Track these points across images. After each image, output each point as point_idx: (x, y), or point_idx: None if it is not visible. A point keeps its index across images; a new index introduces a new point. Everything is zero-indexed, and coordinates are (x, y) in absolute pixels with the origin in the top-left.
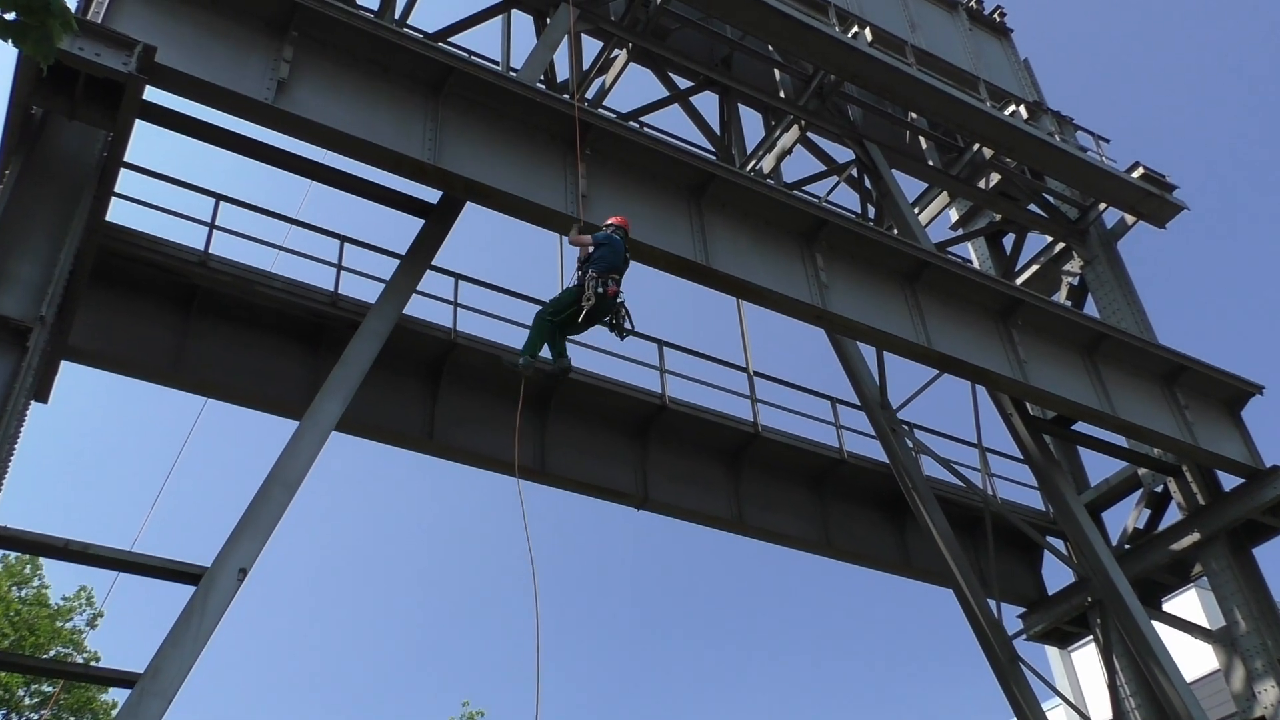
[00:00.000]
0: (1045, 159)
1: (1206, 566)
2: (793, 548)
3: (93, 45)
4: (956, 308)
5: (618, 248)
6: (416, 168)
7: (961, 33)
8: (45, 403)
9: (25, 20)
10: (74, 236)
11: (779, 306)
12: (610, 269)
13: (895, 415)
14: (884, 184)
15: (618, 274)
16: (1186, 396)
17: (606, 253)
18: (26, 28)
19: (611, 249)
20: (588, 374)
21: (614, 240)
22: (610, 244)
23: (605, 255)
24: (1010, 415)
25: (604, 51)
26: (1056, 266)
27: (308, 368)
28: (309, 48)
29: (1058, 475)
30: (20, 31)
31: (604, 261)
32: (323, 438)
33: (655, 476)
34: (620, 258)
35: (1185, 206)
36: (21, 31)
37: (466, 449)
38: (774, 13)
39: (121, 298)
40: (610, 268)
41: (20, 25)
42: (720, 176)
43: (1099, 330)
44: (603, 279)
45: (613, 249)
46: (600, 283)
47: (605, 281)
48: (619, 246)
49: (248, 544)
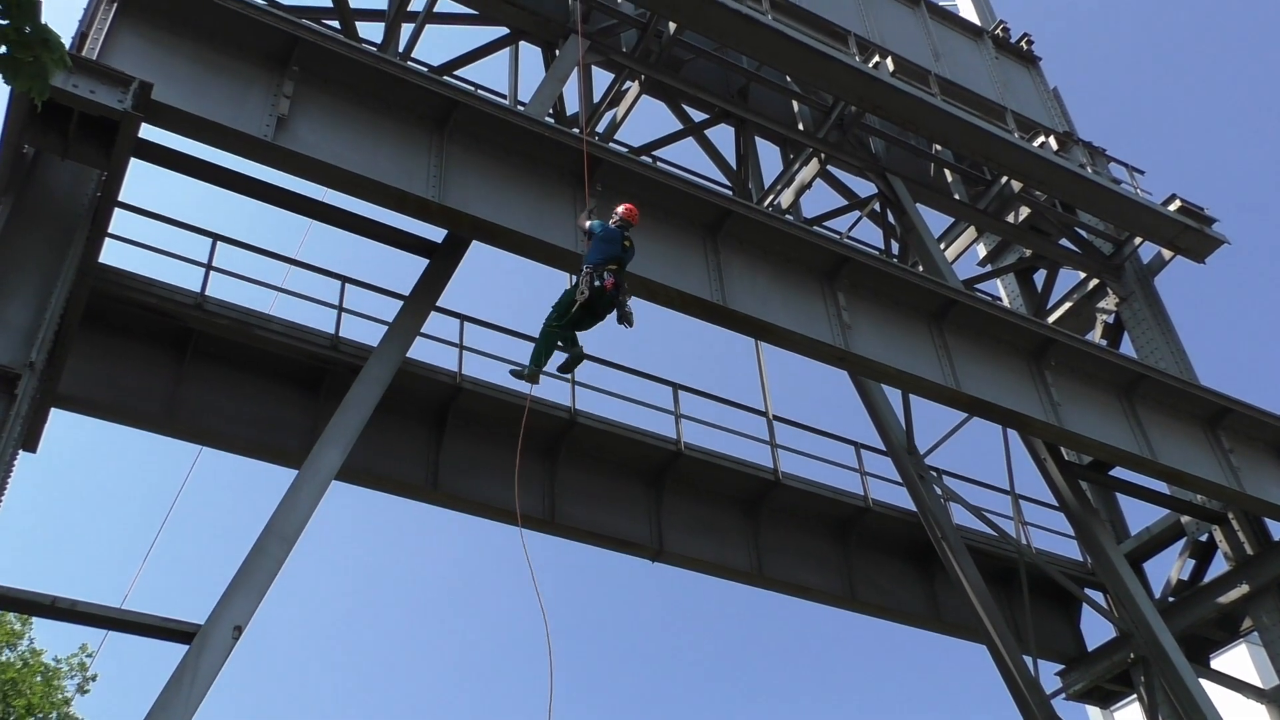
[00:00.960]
0: (1077, 192)
1: (1257, 620)
2: (815, 601)
3: (87, 82)
4: (986, 348)
5: (615, 238)
6: (421, 205)
7: (987, 61)
8: (34, 452)
9: (18, 55)
10: (65, 279)
11: (799, 348)
12: (607, 261)
13: (923, 461)
14: (908, 219)
15: (616, 265)
16: (1231, 440)
17: (603, 245)
18: (19, 63)
19: (608, 241)
20: (599, 419)
21: (611, 231)
22: (608, 236)
23: (601, 248)
24: (1044, 460)
25: (615, 84)
26: (1090, 304)
27: (307, 414)
28: (310, 83)
29: (1096, 524)
30: (13, 67)
31: (600, 254)
32: (322, 488)
33: (670, 526)
34: (618, 248)
35: (1226, 240)
36: (14, 67)
37: (472, 498)
38: (791, 42)
39: (114, 342)
40: (607, 259)
41: (13, 60)
42: (737, 212)
43: (1137, 371)
44: (597, 272)
45: (609, 241)
46: (596, 275)
47: (601, 274)
48: (616, 237)
49: (243, 600)
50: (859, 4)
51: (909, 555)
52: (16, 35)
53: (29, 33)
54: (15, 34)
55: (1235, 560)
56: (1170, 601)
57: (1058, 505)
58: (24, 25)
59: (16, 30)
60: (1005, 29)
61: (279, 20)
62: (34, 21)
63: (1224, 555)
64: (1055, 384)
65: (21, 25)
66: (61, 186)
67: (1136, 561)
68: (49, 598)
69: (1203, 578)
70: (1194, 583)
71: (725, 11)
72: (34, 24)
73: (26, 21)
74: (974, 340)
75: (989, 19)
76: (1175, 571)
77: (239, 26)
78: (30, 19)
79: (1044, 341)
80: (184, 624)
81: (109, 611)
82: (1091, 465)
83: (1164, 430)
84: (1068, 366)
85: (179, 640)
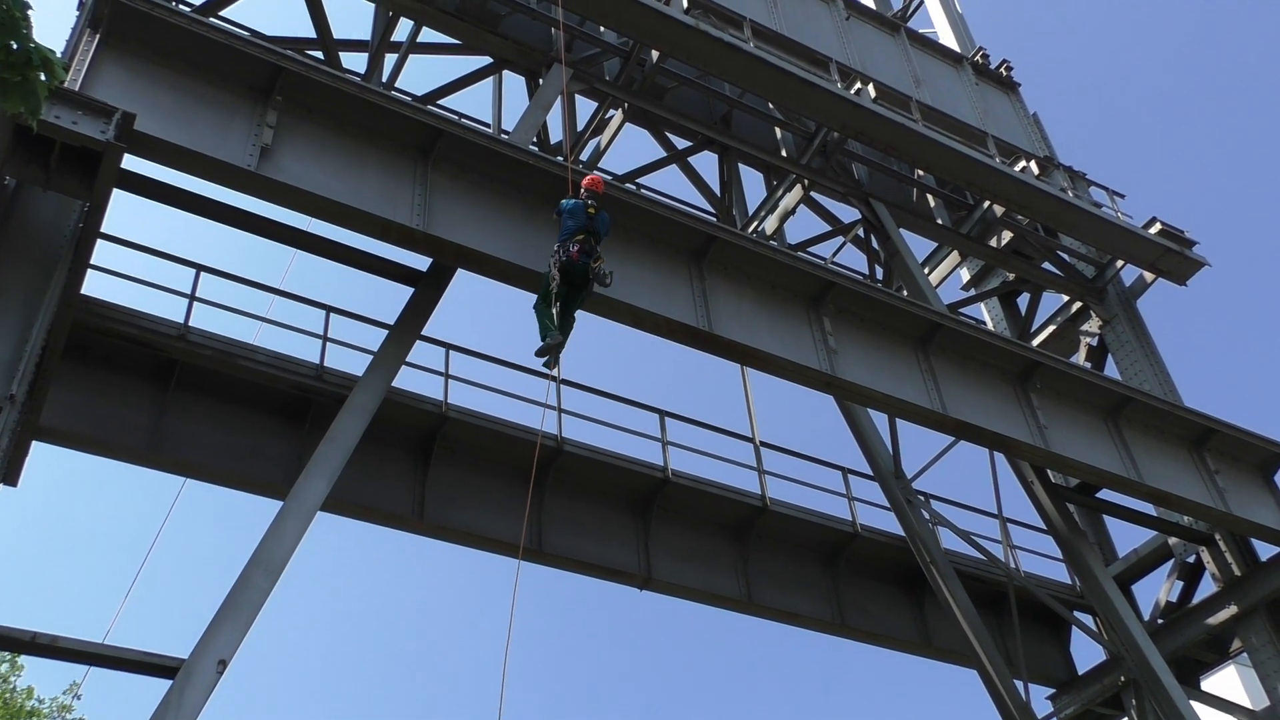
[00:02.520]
0: (1059, 215)
1: (1246, 641)
2: (805, 627)
3: (70, 113)
4: (972, 371)
5: (579, 210)
6: (405, 234)
7: (968, 87)
8: (14, 486)
9: (6, 76)
10: (47, 311)
11: (786, 373)
12: (574, 233)
13: (910, 485)
14: (892, 244)
15: (584, 234)
16: (1216, 461)
17: (569, 220)
18: (8, 85)
19: (573, 214)
20: (586, 446)
21: (576, 204)
22: (573, 210)
23: (567, 223)
24: (1031, 483)
25: (599, 112)
26: (1074, 327)
27: (292, 445)
28: (293, 112)
29: (1084, 546)
30: (2, 88)
31: (567, 229)
32: (308, 519)
33: (658, 554)
34: (584, 218)
35: (1206, 263)
36: (4, 88)
37: (459, 528)
38: (774, 69)
39: (97, 374)
40: (575, 231)
41: (1, 81)
42: (722, 238)
43: (1122, 393)
44: (565, 245)
45: (574, 214)
46: (564, 249)
47: (569, 247)
48: (580, 208)
49: (228, 633)
50: (840, 31)
51: (898, 580)
52: (5, 55)
53: (17, 50)
54: (3, 53)
55: (1223, 581)
56: (1159, 624)
57: (1045, 528)
58: (12, 43)
59: (4, 49)
60: (984, 56)
61: (262, 50)
62: (23, 39)
63: (1212, 576)
64: (1041, 407)
65: (8, 43)
66: (43, 218)
67: (1125, 584)
68: (29, 634)
69: (1191, 599)
70: (1183, 604)
71: (708, 40)
72: (22, 41)
73: (14, 39)
74: (960, 364)
75: (968, 46)
76: (1164, 593)
77: (222, 57)
78: (18, 36)
79: (1029, 365)
80: (167, 659)
81: (90, 647)
82: (1078, 488)
83: (1150, 452)
84: (1053, 389)
85: (162, 675)
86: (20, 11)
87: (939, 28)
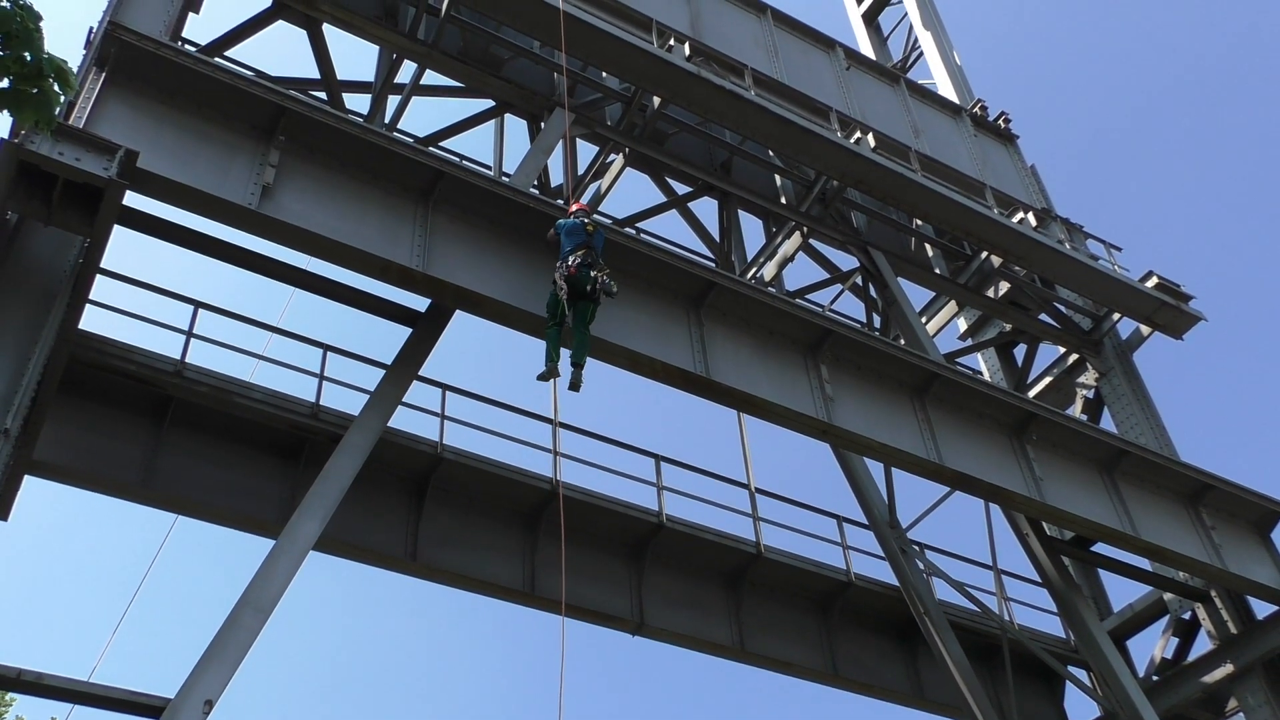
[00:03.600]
0: (1056, 267)
1: (1242, 701)
2: (797, 676)
3: (73, 149)
4: (968, 422)
5: (577, 228)
6: (404, 275)
7: (966, 139)
8: (5, 520)
9: (20, 88)
10: (44, 346)
11: (783, 420)
12: (574, 249)
13: (905, 535)
14: (890, 292)
15: (583, 249)
16: (1212, 517)
17: (567, 238)
18: (23, 95)
19: (571, 232)
20: (580, 490)
21: (573, 223)
22: (571, 228)
23: (567, 241)
24: (1027, 536)
25: (600, 156)
26: (1070, 379)
27: (285, 483)
28: (296, 152)
29: (1078, 600)
30: (16, 99)
31: (567, 246)
32: (300, 558)
33: (651, 600)
34: (582, 234)
35: (1202, 317)
36: (17, 100)
37: (452, 570)
38: (774, 118)
39: (91, 408)
40: (573, 249)
41: (15, 93)
42: (721, 284)
43: (1118, 446)
44: (565, 260)
45: (572, 232)
46: (564, 265)
47: (569, 261)
48: (578, 226)
49: (215, 673)
50: (840, 81)
51: (891, 631)
52: (18, 66)
53: (31, 62)
54: (16, 65)
55: (1219, 639)
56: (1154, 680)
57: (1040, 581)
58: (25, 54)
59: (18, 60)
60: (983, 107)
61: (266, 90)
62: (35, 50)
63: (1208, 634)
64: (1037, 459)
65: (22, 54)
66: (43, 253)
67: (1120, 639)
68: (14, 670)
69: (1186, 656)
70: (1178, 661)
71: (709, 87)
72: (35, 53)
73: (27, 50)
74: (956, 414)
75: (967, 97)
76: (1159, 650)
77: (226, 96)
78: (31, 47)
79: (1026, 416)
80: (153, 698)
81: (76, 685)
82: (1074, 541)
83: (1145, 507)
84: (1049, 441)
85: (147, 715)
86: (34, 23)
87: (938, 79)
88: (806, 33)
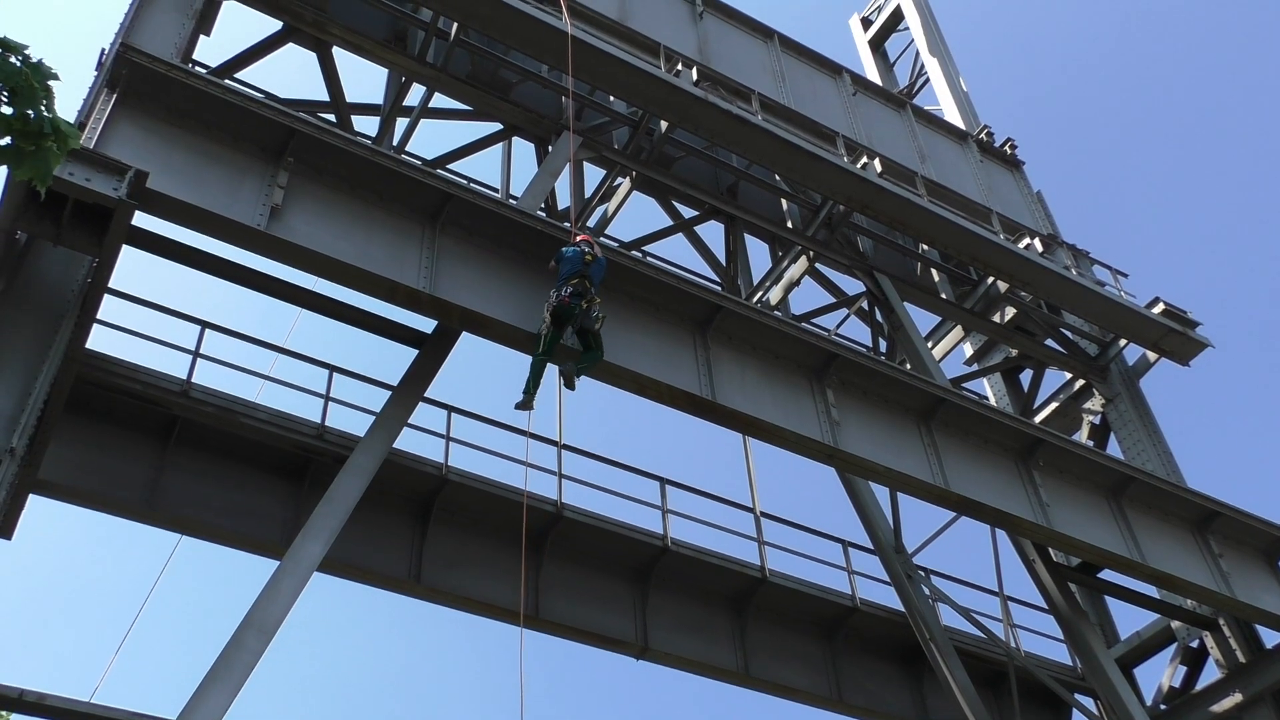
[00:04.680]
0: (1062, 293)
1: None
2: (802, 702)
3: (83, 170)
4: (974, 447)
5: (575, 257)
6: (411, 296)
7: (972, 164)
8: (9, 539)
9: (20, 145)
10: (51, 365)
11: (788, 444)
12: (569, 278)
13: (911, 560)
14: (896, 317)
15: (578, 279)
16: (1220, 544)
17: (564, 265)
18: (22, 152)
19: (569, 260)
20: (585, 513)
21: (572, 252)
22: (569, 256)
23: (563, 269)
24: (1033, 562)
25: (607, 179)
26: (1077, 404)
27: (290, 504)
28: (304, 174)
29: (1085, 627)
30: (16, 157)
31: (562, 275)
32: (304, 580)
33: (656, 624)
34: (579, 263)
35: (1209, 343)
36: (17, 157)
37: (456, 592)
38: (781, 142)
39: (97, 428)
40: (568, 277)
41: (15, 150)
42: (727, 308)
43: (1125, 472)
44: (558, 290)
45: (570, 260)
46: (556, 295)
47: (562, 290)
48: (576, 255)
49: (218, 695)
50: (847, 107)
51: (897, 657)
52: (21, 124)
53: (34, 120)
54: (19, 123)
55: (1227, 667)
56: (1162, 709)
57: (1047, 608)
58: (29, 111)
59: (21, 119)
60: (989, 133)
61: (275, 112)
62: (38, 109)
63: (1216, 663)
64: (1044, 484)
65: (25, 112)
66: (52, 272)
67: (1127, 667)
68: (16, 690)
69: (1195, 685)
70: (1186, 690)
71: (716, 111)
72: (38, 111)
73: (31, 108)
74: (962, 439)
75: (973, 123)
76: (1167, 678)
77: (236, 118)
78: (36, 106)
79: (1032, 441)
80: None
81: (78, 705)
82: (1080, 567)
83: (1153, 533)
84: (1056, 467)
85: None
86: (42, 82)
87: (944, 105)
88: (813, 58)
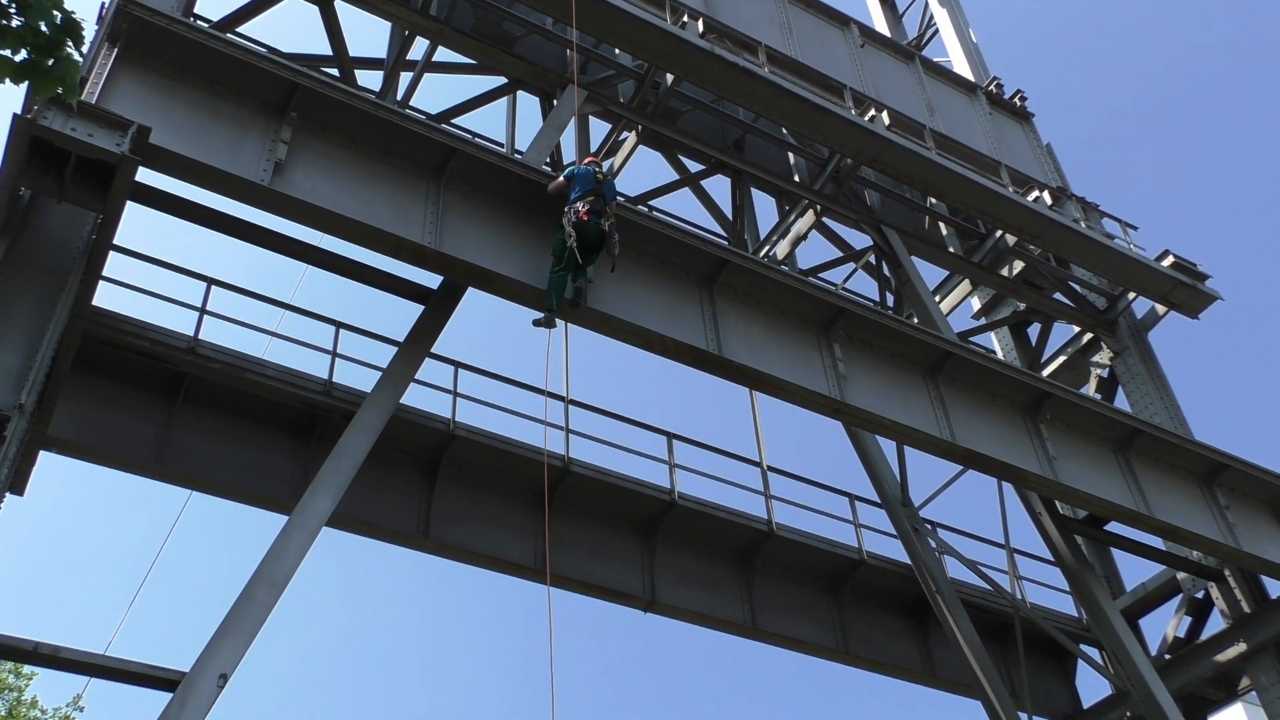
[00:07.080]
0: (1071, 246)
1: (1255, 680)
2: (808, 654)
3: (85, 125)
4: (981, 401)
5: (588, 174)
6: (417, 252)
7: (981, 117)
8: (21, 495)
9: (37, 59)
10: (58, 322)
11: (795, 398)
12: (584, 195)
13: (917, 513)
14: (903, 271)
15: (593, 195)
16: (1227, 496)
17: (579, 183)
18: (40, 69)
19: (582, 178)
20: (593, 468)
21: (584, 170)
22: (582, 174)
23: (578, 186)
24: (1040, 514)
25: (612, 134)
26: (1085, 358)
27: (298, 460)
28: (308, 129)
29: (1091, 579)
30: (35, 71)
31: (575, 191)
32: (313, 535)
33: (663, 577)
34: (592, 181)
35: (1219, 296)
36: (36, 71)
37: (464, 546)
38: (788, 95)
39: (105, 385)
40: (584, 194)
41: (34, 64)
42: (733, 263)
43: (1132, 425)
44: (573, 206)
45: (583, 178)
46: (573, 210)
47: (578, 207)
48: (589, 172)
49: (230, 647)
50: (854, 59)
51: (903, 609)
52: (34, 37)
53: (47, 31)
54: (33, 35)
55: (1232, 618)
56: (1167, 659)
57: (1053, 560)
58: (42, 21)
59: (34, 31)
60: (999, 85)
61: (278, 67)
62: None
63: (1220, 613)
64: (1050, 438)
65: (37, 23)
66: (56, 229)
67: (1133, 618)
68: (31, 643)
69: (1199, 635)
70: (1190, 640)
71: (723, 64)
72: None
73: (44, 20)
74: (969, 393)
75: (982, 75)
76: (1172, 629)
77: (239, 73)
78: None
79: (1039, 395)
80: (168, 671)
81: (91, 658)
82: (1087, 520)
83: (1160, 486)
84: (1063, 420)
85: (162, 688)
86: None
87: (953, 57)
88: (821, 9)
